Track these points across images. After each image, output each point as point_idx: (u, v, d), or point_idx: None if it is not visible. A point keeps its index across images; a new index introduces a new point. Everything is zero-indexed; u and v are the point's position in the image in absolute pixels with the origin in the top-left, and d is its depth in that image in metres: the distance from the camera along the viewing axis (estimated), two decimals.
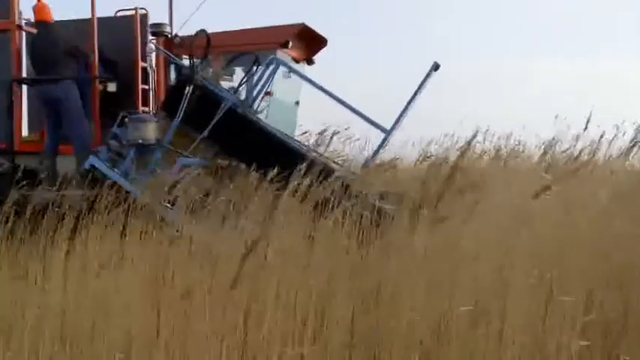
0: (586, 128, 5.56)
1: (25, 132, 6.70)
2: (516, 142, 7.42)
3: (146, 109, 7.51)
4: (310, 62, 7.59)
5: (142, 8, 7.07)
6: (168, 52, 6.11)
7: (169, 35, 7.06)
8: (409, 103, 5.58)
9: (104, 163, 5.46)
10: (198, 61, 5.46)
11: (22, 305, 3.31)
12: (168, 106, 5.65)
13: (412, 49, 26.48)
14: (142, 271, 3.38)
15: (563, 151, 5.81)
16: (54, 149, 6.17)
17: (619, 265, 2.88)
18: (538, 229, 2.91)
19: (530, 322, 2.58)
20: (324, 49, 7.63)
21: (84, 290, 3.44)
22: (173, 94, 5.66)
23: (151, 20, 7.21)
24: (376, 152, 5.71)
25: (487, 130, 7.25)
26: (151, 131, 5.35)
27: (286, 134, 6.00)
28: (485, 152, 7.08)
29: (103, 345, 3.01)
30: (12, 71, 6.27)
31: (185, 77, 5.50)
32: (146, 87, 7.40)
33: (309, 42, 7.32)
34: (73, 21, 6.67)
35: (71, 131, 6.05)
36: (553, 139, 6.13)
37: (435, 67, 5.54)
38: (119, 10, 7.18)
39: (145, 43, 7.77)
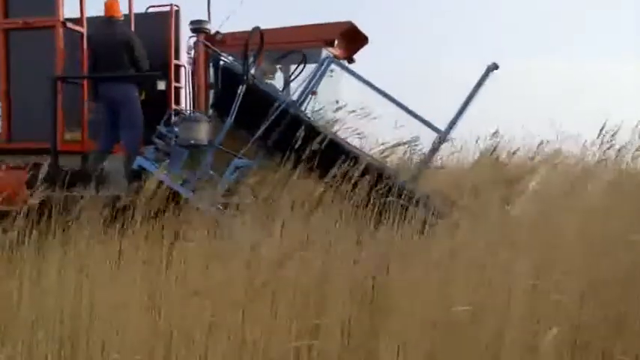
0: None
1: None
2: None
3: (178, 107, 7.40)
4: (351, 61, 7.44)
5: (174, 5, 6.97)
6: (217, 50, 5.95)
7: (210, 32, 6.93)
8: (466, 103, 5.43)
9: (152, 163, 5.32)
10: (251, 59, 5.30)
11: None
12: (219, 106, 5.51)
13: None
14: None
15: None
16: (107, 150, 6.06)
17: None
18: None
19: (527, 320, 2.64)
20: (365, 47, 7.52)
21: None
22: (223, 94, 5.52)
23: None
24: (431, 154, 5.56)
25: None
26: (203, 132, 5.21)
27: (335, 134, 5.85)
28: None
29: None
30: (55, 69, 6.13)
31: (238, 76, 5.35)
32: (179, 85, 7.30)
33: (352, 40, 7.17)
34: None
35: (126, 132, 5.92)
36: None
37: (494, 67, 5.39)
38: (150, 7, 7.07)
39: (177, 40, 7.66)
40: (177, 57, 7.41)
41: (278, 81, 6.83)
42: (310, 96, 6.14)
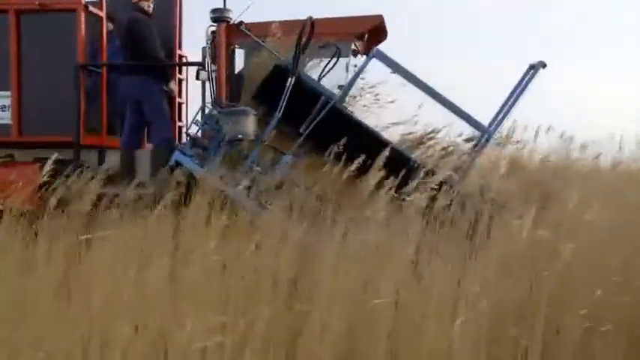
0: None
1: None
2: None
3: (181, 100, 7.09)
4: None
5: None
6: (259, 40, 5.68)
7: (231, 21, 6.64)
8: (514, 102, 5.36)
9: (191, 159, 5.03)
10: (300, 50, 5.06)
11: None
12: (260, 98, 5.26)
13: None
14: None
15: None
16: (130, 146, 5.71)
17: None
18: None
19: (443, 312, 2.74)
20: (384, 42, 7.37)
21: None
22: (265, 86, 5.27)
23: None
24: (477, 153, 5.45)
25: None
26: (251, 125, 4.94)
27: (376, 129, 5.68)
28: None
29: None
30: (77, 56, 5.74)
31: (284, 67, 5.12)
32: (181, 77, 7.00)
33: (376, 35, 7.00)
34: None
35: (151, 128, 5.60)
36: None
37: (542, 65, 5.34)
38: None
39: (181, 29, 7.35)
40: (180, 47, 7.14)
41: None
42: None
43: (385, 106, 6.27)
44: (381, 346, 2.74)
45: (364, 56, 7.15)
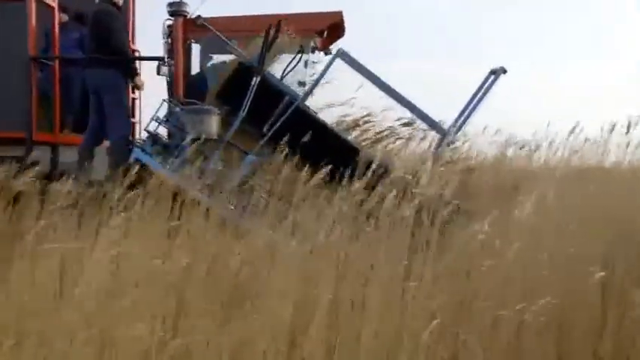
0: None
1: None
2: None
3: (135, 96, 6.91)
4: (328, 52, 7.24)
5: None
6: (221, 35, 5.56)
7: (189, 15, 6.48)
8: (475, 106, 5.44)
9: (152, 157, 4.90)
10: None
11: None
12: (224, 97, 5.16)
13: None
14: None
15: None
16: (91, 142, 5.51)
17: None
18: None
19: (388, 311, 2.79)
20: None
21: None
22: (229, 85, 5.18)
23: None
24: (437, 155, 5.51)
25: None
26: (214, 125, 4.84)
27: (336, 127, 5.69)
28: None
29: None
30: (28, 48, 5.48)
31: (249, 66, 5.03)
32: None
33: (334, 31, 6.98)
34: None
35: (108, 122, 5.40)
36: None
37: (503, 70, 5.43)
38: None
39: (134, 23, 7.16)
40: (134, 41, 6.96)
41: None
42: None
43: (322, 86, 6.29)
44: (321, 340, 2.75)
45: (322, 52, 7.18)
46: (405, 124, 6.04)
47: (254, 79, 4.90)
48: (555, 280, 2.98)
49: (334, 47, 7.28)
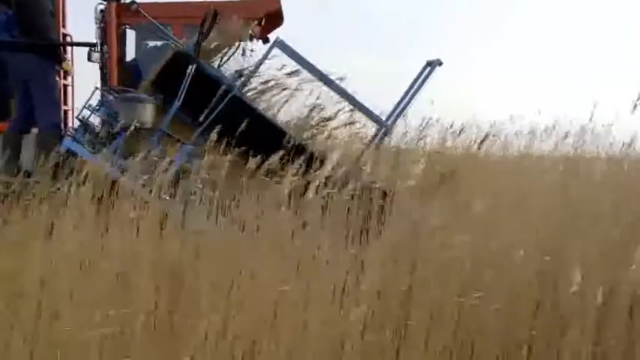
0: None
1: None
2: None
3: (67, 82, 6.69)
4: (266, 40, 7.19)
5: None
6: (156, 22, 5.44)
7: (122, 0, 6.31)
8: (411, 98, 5.50)
9: (83, 146, 4.76)
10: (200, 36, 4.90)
11: None
12: (159, 85, 5.05)
13: None
14: None
15: None
16: (18, 129, 5.29)
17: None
18: None
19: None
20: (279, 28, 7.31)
21: None
22: (164, 73, 5.06)
23: None
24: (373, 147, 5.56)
25: None
26: (148, 114, 4.74)
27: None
28: None
29: None
30: None
31: (185, 54, 4.94)
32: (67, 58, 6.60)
33: (272, 20, 6.93)
34: None
35: (37, 110, 5.20)
36: None
37: (439, 62, 5.51)
38: None
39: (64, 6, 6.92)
40: (64, 25, 6.73)
41: None
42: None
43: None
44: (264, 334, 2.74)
45: (259, 41, 7.12)
46: (290, 74, 6.03)
47: (190, 67, 4.81)
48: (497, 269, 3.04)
49: (272, 36, 7.33)
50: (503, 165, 6.25)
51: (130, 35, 6.48)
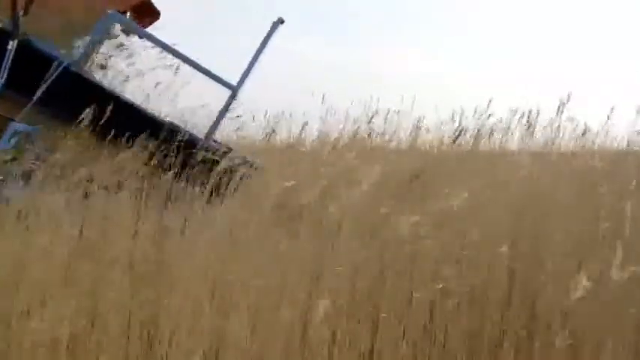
0: None
1: None
2: None
3: None
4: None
5: None
6: None
7: None
8: (255, 59, 5.51)
9: None
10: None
11: None
12: None
13: None
14: None
15: None
16: None
17: None
18: None
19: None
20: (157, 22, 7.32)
21: None
22: None
23: None
24: (223, 112, 5.55)
25: None
26: None
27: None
28: None
29: None
30: None
31: (2, 29, 4.92)
32: None
33: (145, 14, 6.95)
34: None
35: None
36: None
37: (281, 21, 5.52)
38: None
39: None
40: None
41: None
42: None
43: None
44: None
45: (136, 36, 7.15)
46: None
47: (10, 43, 4.80)
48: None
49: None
50: (475, 161, 6.12)
51: None
